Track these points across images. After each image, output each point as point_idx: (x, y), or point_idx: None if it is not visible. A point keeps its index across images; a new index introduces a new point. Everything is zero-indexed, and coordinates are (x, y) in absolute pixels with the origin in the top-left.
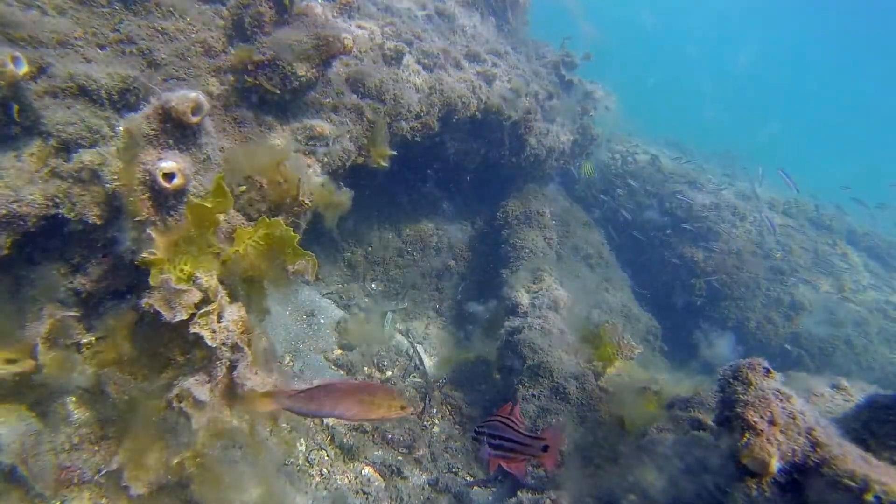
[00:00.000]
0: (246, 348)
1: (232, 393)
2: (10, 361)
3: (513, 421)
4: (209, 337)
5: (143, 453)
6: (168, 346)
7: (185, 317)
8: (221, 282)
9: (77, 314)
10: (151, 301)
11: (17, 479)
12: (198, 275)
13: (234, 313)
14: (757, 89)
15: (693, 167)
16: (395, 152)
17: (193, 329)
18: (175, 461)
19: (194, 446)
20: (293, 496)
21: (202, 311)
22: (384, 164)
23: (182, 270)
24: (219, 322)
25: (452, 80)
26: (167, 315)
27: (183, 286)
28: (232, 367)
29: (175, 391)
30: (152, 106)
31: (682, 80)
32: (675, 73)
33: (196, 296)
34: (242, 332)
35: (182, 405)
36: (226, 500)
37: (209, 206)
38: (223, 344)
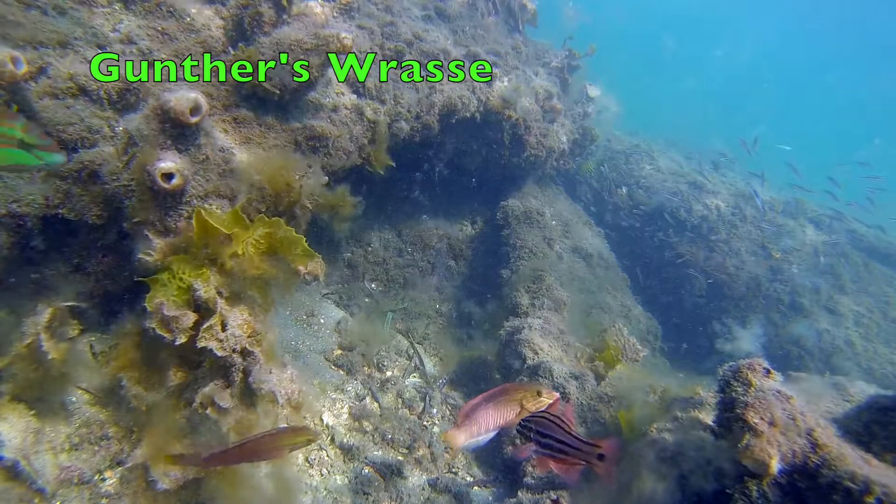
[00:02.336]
0: (256, 350)
1: (251, 394)
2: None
3: (564, 422)
4: (217, 348)
5: (166, 450)
6: (179, 348)
7: (184, 339)
8: (224, 284)
9: (75, 305)
10: (153, 324)
11: (19, 475)
12: (196, 286)
13: (239, 318)
14: (749, 87)
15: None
16: (393, 163)
17: (200, 343)
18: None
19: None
20: (298, 495)
21: (206, 325)
22: (382, 172)
23: (182, 280)
24: (224, 331)
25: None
26: (168, 337)
27: (176, 312)
28: (247, 372)
29: (199, 399)
30: (151, 106)
31: (676, 80)
32: (669, 71)
33: (191, 318)
34: (250, 336)
35: (207, 411)
36: (242, 496)
37: (223, 229)
38: (233, 351)
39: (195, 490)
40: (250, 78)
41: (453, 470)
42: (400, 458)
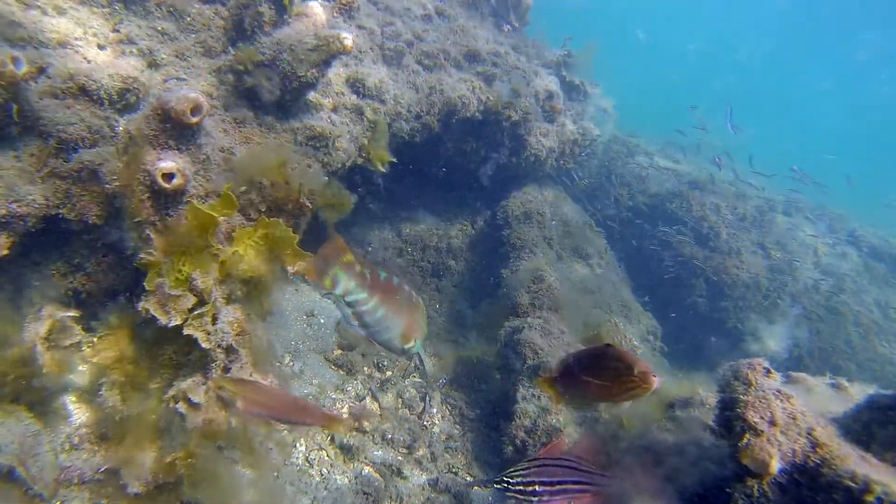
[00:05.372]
0: (242, 350)
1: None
2: None
3: (573, 460)
4: (203, 339)
5: (140, 451)
6: (168, 345)
7: (179, 322)
8: (221, 282)
9: (76, 314)
10: (147, 305)
11: (15, 480)
12: (194, 276)
13: (230, 315)
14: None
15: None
16: (394, 159)
17: (187, 331)
18: (167, 460)
19: (187, 447)
20: (292, 496)
21: (196, 313)
22: (383, 169)
23: (180, 271)
24: (214, 324)
25: (452, 81)
26: (162, 319)
27: (177, 291)
28: (227, 370)
29: (172, 391)
30: (151, 106)
31: (663, 77)
32: (657, 68)
33: (190, 301)
34: (238, 334)
35: (178, 406)
36: (219, 501)
37: (214, 213)
38: (218, 346)
39: (176, 492)
40: (251, 78)
41: (453, 470)
42: (400, 458)
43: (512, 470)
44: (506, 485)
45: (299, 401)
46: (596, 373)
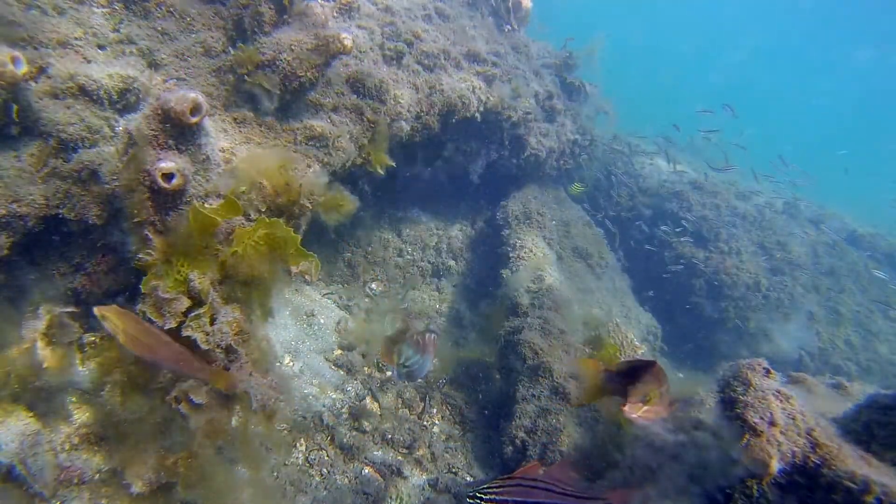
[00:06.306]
0: (241, 350)
1: (227, 395)
2: None
3: (550, 482)
4: (202, 339)
5: (143, 451)
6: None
7: (174, 325)
8: (221, 283)
9: (75, 311)
10: (144, 308)
11: (15, 479)
12: (191, 276)
13: (229, 315)
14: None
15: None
16: (393, 163)
17: (186, 332)
18: (170, 461)
19: (188, 447)
20: (292, 496)
21: (194, 313)
22: (381, 171)
23: (179, 272)
24: (212, 324)
25: (452, 81)
26: (158, 322)
27: (171, 294)
28: (226, 370)
29: (174, 392)
30: (151, 106)
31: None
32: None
33: (185, 303)
34: (237, 334)
35: (180, 406)
36: (216, 500)
37: (216, 217)
38: (217, 346)
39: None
40: (251, 78)
41: (453, 470)
42: (400, 458)
43: (486, 486)
44: (479, 500)
45: (181, 349)
46: (633, 382)
